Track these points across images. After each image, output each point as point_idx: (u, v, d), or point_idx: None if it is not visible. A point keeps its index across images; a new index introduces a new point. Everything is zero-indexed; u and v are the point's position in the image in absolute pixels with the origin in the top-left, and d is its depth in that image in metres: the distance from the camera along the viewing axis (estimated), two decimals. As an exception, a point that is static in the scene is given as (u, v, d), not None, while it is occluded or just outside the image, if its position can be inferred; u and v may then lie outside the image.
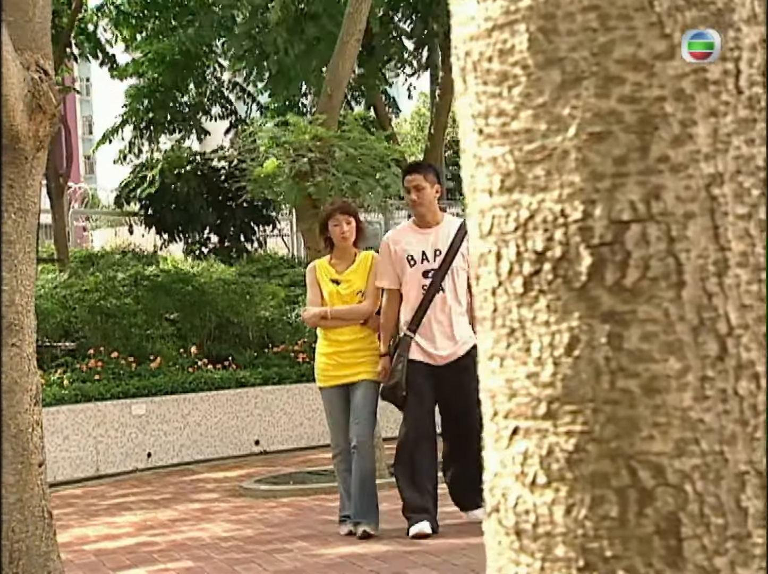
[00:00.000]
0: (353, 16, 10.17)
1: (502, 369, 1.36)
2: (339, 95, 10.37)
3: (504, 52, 1.35)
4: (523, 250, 1.35)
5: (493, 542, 1.42)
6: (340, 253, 7.64)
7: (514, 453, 1.35)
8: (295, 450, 13.74)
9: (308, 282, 7.74)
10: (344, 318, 7.50)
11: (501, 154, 1.36)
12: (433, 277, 7.30)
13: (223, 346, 14.60)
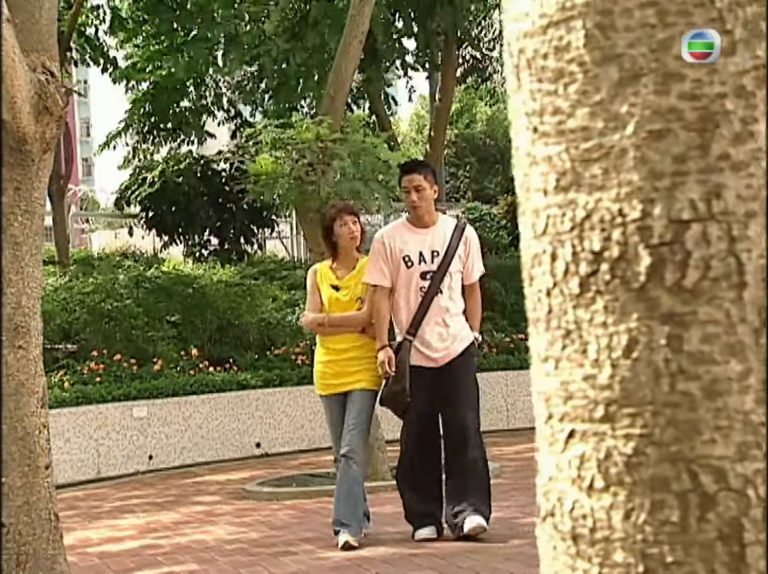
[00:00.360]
0: (356, 18, 10.15)
1: (557, 371, 1.34)
2: (342, 97, 10.36)
3: (560, 49, 1.33)
4: (579, 251, 1.32)
5: (548, 547, 1.40)
6: (345, 256, 7.48)
7: (570, 457, 1.33)
8: (297, 452, 13.72)
9: (308, 286, 7.61)
10: (342, 325, 7.37)
11: (556, 153, 1.34)
12: (431, 279, 7.18)
13: (224, 348, 14.57)
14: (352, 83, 10.71)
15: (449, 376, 7.16)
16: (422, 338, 7.17)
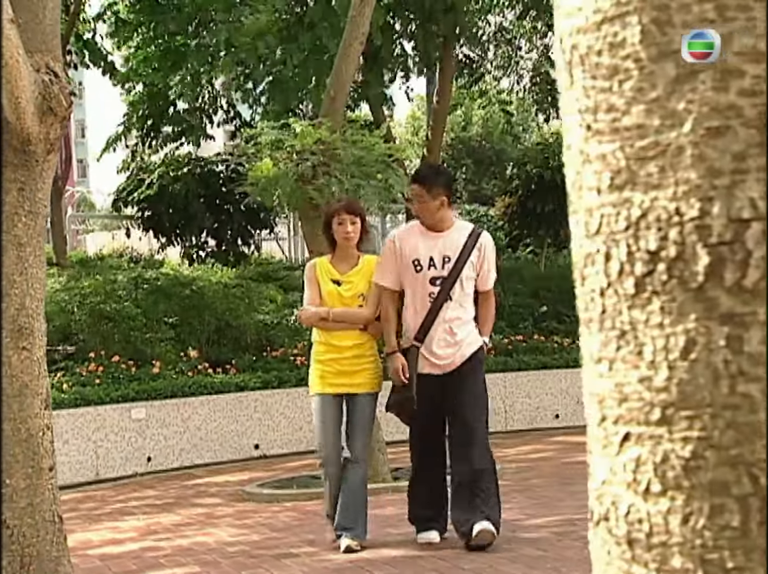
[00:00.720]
0: (356, 19, 10.14)
1: (611, 373, 1.32)
2: (342, 98, 10.34)
3: (615, 45, 1.31)
4: (634, 250, 1.30)
5: (601, 551, 1.37)
6: (342, 253, 7.32)
7: (625, 460, 1.31)
8: (295, 454, 13.69)
9: (307, 279, 7.41)
10: (345, 321, 7.17)
11: (611, 151, 1.32)
12: (441, 285, 7.04)
13: (223, 350, 14.54)
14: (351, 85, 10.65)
15: (456, 382, 7.05)
16: (429, 346, 7.06)
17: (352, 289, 7.22)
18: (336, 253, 7.33)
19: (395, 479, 10.24)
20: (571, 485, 9.29)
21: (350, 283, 7.24)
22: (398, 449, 12.36)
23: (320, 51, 13.16)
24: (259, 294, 15.72)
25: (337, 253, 7.32)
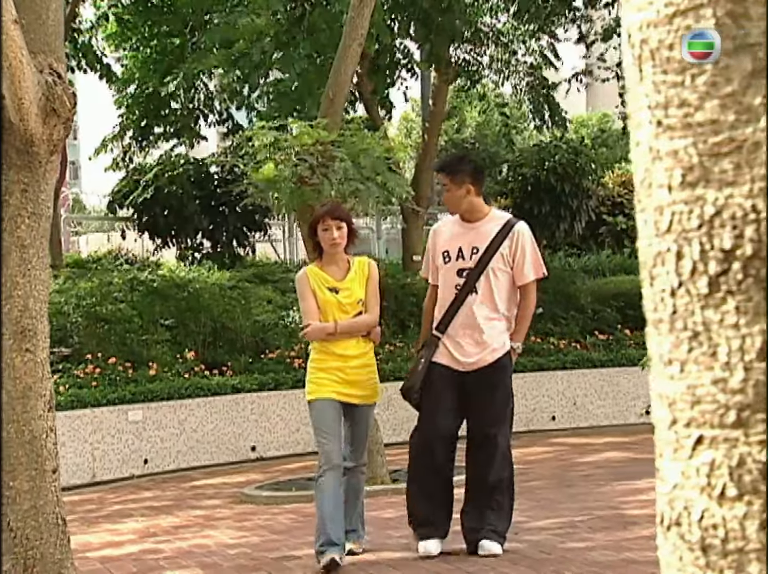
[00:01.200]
0: (355, 20, 10.11)
1: (683, 374, 1.29)
2: (341, 99, 10.32)
3: None
4: (708, 249, 1.27)
5: (673, 557, 1.34)
6: (330, 259, 6.95)
7: (698, 464, 1.28)
8: (292, 456, 13.66)
9: (301, 292, 6.98)
10: (351, 331, 6.86)
11: (683, 147, 1.29)
12: (467, 276, 6.75)
13: (219, 352, 14.51)
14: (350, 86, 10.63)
15: (478, 385, 6.77)
16: (451, 338, 6.80)
17: (351, 295, 6.90)
18: (324, 260, 6.99)
19: (394, 481, 10.22)
20: (570, 487, 9.27)
21: (348, 289, 6.91)
22: (396, 451, 12.34)
23: (321, 55, 13.10)
24: (256, 296, 15.68)
25: (326, 260, 6.98)
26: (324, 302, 6.84)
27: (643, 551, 6.75)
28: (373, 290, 6.96)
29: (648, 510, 8.00)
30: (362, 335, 6.92)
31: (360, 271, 6.96)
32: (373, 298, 6.95)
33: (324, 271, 6.92)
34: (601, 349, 15.42)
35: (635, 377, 15.15)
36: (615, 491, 9.29)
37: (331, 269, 6.93)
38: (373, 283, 6.98)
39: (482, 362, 6.77)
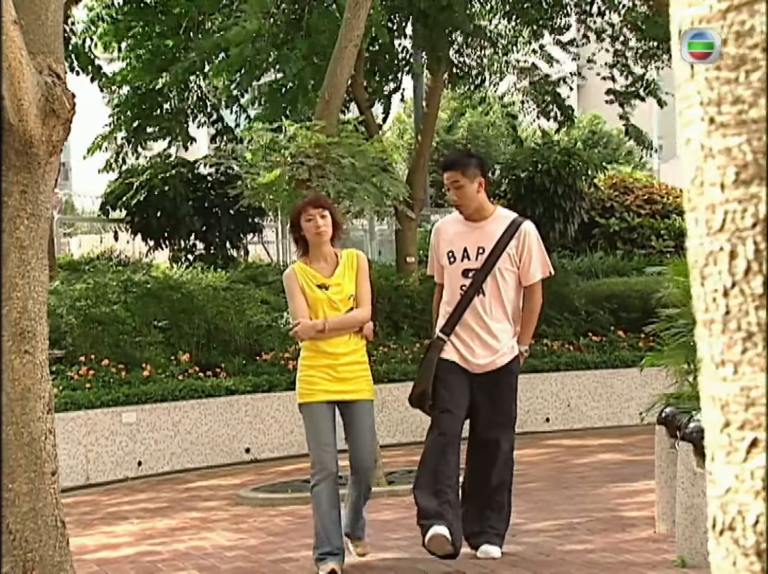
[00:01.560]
0: (351, 21, 10.11)
1: (737, 376, 1.28)
2: (337, 100, 10.32)
3: (741, 35, 1.27)
4: (762, 248, 1.26)
5: (725, 562, 1.33)
6: (318, 253, 6.65)
7: (752, 467, 1.26)
8: (286, 458, 13.63)
9: (289, 290, 6.69)
10: (342, 328, 6.59)
11: (736, 145, 1.27)
12: (473, 277, 6.58)
13: (213, 353, 14.48)
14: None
15: (485, 388, 6.63)
16: (459, 338, 6.63)
17: (341, 291, 6.61)
18: (311, 255, 6.69)
19: (390, 483, 10.21)
20: (567, 489, 9.27)
21: (338, 285, 6.62)
22: (392, 453, 12.35)
23: (318, 56, 13.07)
24: (250, 297, 15.65)
25: (313, 254, 6.68)
26: (313, 299, 6.59)
27: (642, 553, 6.76)
28: (364, 284, 6.67)
29: (646, 512, 8.02)
30: (354, 331, 6.66)
31: (349, 264, 6.66)
32: (364, 292, 6.66)
33: (312, 268, 6.65)
34: (595, 350, 15.43)
35: (629, 379, 15.18)
36: (611, 492, 9.30)
37: (319, 265, 6.66)
38: (364, 277, 6.69)
39: (492, 366, 6.63)
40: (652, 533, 7.33)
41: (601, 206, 19.71)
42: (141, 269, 16.84)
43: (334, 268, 6.64)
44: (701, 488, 6.40)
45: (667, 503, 7.23)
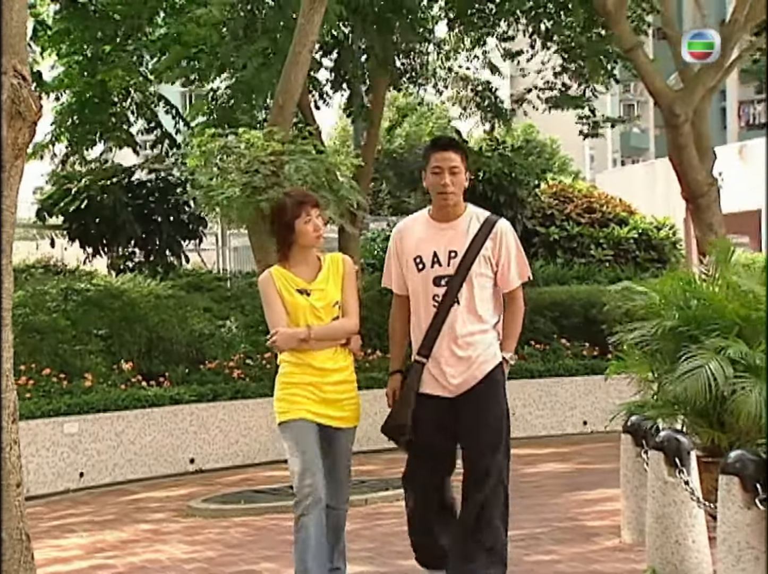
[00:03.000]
0: (305, 27, 10.03)
1: None
2: (291, 106, 10.23)
3: None
4: None
5: None
6: (302, 257, 5.90)
7: None
8: (231, 468, 13.51)
9: (265, 296, 5.89)
10: (328, 338, 5.83)
11: None
12: (447, 285, 5.71)
13: (155, 362, 14.30)
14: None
15: (469, 407, 5.71)
16: (436, 360, 5.73)
17: (324, 297, 5.84)
18: (292, 259, 5.91)
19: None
20: (525, 498, 9.23)
21: (321, 290, 5.85)
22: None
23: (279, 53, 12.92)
24: (192, 305, 15.48)
25: (296, 259, 5.91)
26: (293, 305, 5.82)
27: (610, 563, 6.76)
28: (351, 290, 5.94)
29: (608, 521, 8.03)
30: (341, 343, 5.88)
31: (333, 268, 5.93)
32: (351, 299, 5.92)
33: (291, 272, 5.89)
34: (538, 359, 15.47)
35: (572, 387, 15.25)
36: (570, 502, 9.29)
37: (299, 269, 5.90)
38: (350, 283, 5.95)
39: (471, 380, 5.72)
40: (618, 542, 7.32)
41: (542, 215, 19.80)
42: (80, 277, 16.58)
43: (316, 272, 5.90)
44: (672, 497, 6.39)
45: (632, 513, 7.22)
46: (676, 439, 6.44)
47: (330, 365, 5.84)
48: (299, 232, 5.84)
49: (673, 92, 13.20)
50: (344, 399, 5.85)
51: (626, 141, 58.73)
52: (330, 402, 5.80)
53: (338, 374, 5.86)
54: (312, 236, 5.86)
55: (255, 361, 14.46)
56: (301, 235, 5.85)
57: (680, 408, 7.48)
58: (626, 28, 13.13)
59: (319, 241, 5.92)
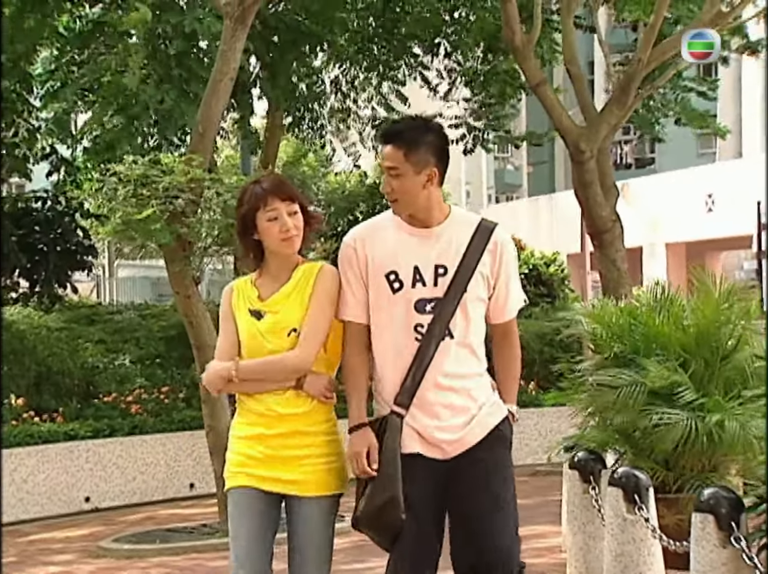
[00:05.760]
0: (227, 54, 9.82)
1: None
2: (211, 134, 9.99)
3: None
4: None
5: None
6: (278, 266, 4.43)
7: None
8: (129, 506, 13.06)
9: (220, 316, 4.51)
10: (262, 378, 4.35)
11: None
12: (434, 311, 4.26)
13: (45, 397, 13.77)
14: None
15: (466, 476, 4.26)
16: (422, 411, 4.27)
17: (279, 321, 4.36)
18: (266, 269, 4.47)
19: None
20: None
21: (275, 313, 4.39)
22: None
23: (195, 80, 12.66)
24: (84, 337, 14.99)
25: (269, 268, 4.46)
26: (244, 331, 4.42)
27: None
28: (315, 312, 4.35)
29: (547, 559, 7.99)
30: (291, 385, 4.34)
31: (303, 282, 4.41)
32: (312, 322, 4.33)
33: (256, 286, 4.47)
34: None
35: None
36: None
37: (264, 282, 4.46)
38: (318, 301, 4.36)
39: (471, 438, 4.29)
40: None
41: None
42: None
43: (279, 286, 4.44)
44: (631, 535, 6.30)
45: (580, 550, 7.11)
46: (634, 475, 6.36)
47: (281, 409, 4.32)
48: (261, 231, 4.36)
49: (579, 129, 13.34)
50: (302, 457, 4.29)
51: (500, 178, 59.71)
52: (280, 461, 4.30)
53: (290, 423, 4.31)
54: (277, 239, 4.33)
55: (152, 395, 14.06)
56: (264, 236, 4.36)
57: (621, 442, 7.48)
58: (533, 64, 13.22)
59: (289, 248, 4.36)
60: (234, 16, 9.68)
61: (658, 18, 12.29)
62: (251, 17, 9.86)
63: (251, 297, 4.43)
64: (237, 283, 4.54)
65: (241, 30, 9.79)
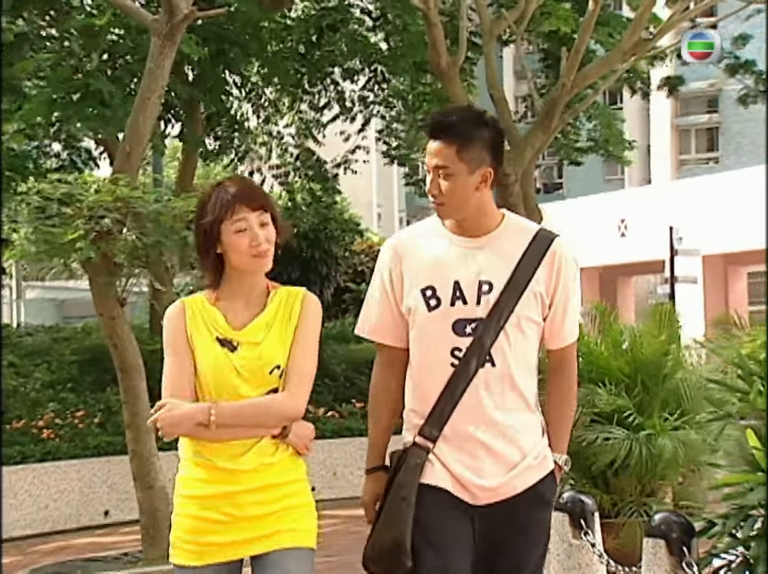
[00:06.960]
0: (155, 71, 9.61)
1: None
2: (138, 153, 9.76)
3: None
4: None
5: None
6: (240, 286, 3.78)
7: None
8: (41, 535, 12.64)
9: (166, 341, 3.73)
10: (242, 425, 3.66)
11: None
12: (475, 334, 3.72)
13: (-50, 424, 13.34)
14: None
15: (495, 530, 3.76)
16: (449, 446, 3.75)
17: (260, 356, 3.70)
18: (227, 291, 3.79)
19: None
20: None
21: (254, 345, 3.71)
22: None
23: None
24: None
25: (231, 286, 3.78)
26: (209, 364, 3.69)
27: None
28: (304, 347, 3.73)
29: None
30: (274, 433, 3.70)
31: (285, 310, 3.77)
32: (301, 360, 3.72)
33: (218, 307, 3.76)
34: (359, 418, 15.25)
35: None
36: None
37: (232, 305, 3.76)
38: (305, 334, 3.75)
39: (508, 490, 3.75)
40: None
41: (353, 271, 19.79)
42: None
43: (257, 312, 3.76)
44: (577, 560, 6.24)
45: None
46: (580, 500, 6.30)
47: (247, 465, 3.66)
48: (227, 245, 3.70)
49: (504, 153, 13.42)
50: (275, 512, 3.67)
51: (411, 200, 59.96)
52: (246, 521, 3.65)
53: (259, 478, 3.67)
54: (246, 254, 3.69)
55: (65, 420, 13.70)
56: (231, 251, 3.70)
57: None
58: (459, 87, 13.29)
59: (260, 264, 3.73)
60: (162, 34, 9.50)
61: (582, 43, 12.45)
62: (180, 34, 9.68)
63: (217, 323, 3.73)
64: (188, 301, 3.79)
65: (170, 47, 9.60)
